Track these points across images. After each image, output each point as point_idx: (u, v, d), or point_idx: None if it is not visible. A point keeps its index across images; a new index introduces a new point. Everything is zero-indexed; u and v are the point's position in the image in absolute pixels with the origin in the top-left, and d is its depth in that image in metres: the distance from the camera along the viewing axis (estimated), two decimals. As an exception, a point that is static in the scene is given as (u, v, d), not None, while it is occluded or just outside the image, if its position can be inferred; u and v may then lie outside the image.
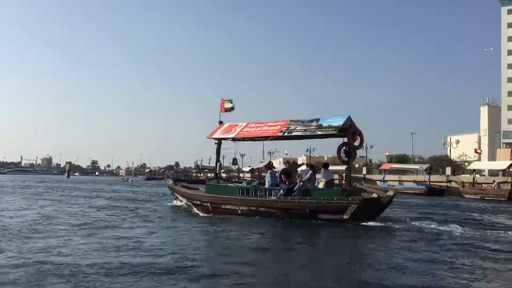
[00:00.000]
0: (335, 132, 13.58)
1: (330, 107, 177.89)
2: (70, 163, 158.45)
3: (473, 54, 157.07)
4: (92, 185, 49.34)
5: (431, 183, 43.41)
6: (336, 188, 14.19)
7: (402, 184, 46.36)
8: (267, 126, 15.28)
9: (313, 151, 66.18)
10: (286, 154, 79.86)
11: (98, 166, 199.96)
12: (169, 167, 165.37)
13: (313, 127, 14.01)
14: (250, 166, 67.64)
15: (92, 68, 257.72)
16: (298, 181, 13.67)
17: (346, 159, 14.00)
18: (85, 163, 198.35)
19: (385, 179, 48.07)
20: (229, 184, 16.54)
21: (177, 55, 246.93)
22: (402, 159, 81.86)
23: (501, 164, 38.67)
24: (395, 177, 48.76)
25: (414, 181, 46.03)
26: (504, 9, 77.70)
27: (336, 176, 55.66)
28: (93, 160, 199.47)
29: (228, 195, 14.47)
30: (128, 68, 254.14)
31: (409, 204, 26.19)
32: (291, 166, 15.32)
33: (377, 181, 49.35)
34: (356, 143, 13.93)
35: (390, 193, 13.13)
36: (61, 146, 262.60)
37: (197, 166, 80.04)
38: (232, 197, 14.30)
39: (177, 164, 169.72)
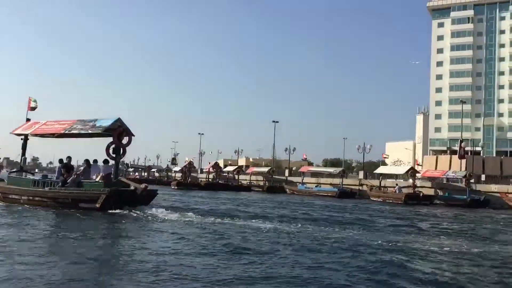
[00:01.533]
0: (100, 132, 15.14)
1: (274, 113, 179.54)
2: (7, 159, 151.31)
3: (413, 63, 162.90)
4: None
5: (344, 186, 44.66)
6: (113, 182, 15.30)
7: (320, 186, 47.41)
8: (59, 124, 16.46)
9: (241, 152, 66.65)
10: (220, 153, 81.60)
11: (40, 163, 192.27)
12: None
13: (88, 127, 15.44)
14: (176, 165, 67.55)
15: (49, 59, 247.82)
16: (73, 174, 15.19)
17: (114, 155, 15.34)
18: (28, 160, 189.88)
19: (304, 181, 49.02)
20: (26, 177, 17.50)
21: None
22: (337, 163, 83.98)
23: (402, 169, 40.41)
24: (314, 179, 49.76)
25: (330, 184, 47.19)
26: (434, 22, 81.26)
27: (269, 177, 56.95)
28: (33, 157, 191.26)
29: (19, 187, 15.72)
30: (84, 63, 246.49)
31: (284, 202, 27.34)
32: (71, 160, 16.78)
33: (297, 183, 50.30)
34: (124, 142, 15.51)
35: (142, 186, 14.94)
36: (5, 141, 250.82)
37: (127, 165, 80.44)
38: (17, 187, 15.67)
39: (124, 163, 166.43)
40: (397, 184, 38.82)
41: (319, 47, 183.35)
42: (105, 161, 15.75)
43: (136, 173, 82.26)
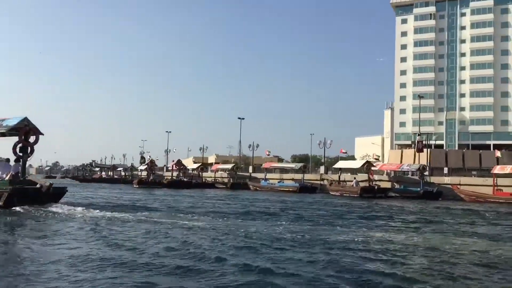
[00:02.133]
0: (5, 131, 15.53)
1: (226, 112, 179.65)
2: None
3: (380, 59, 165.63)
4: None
5: (305, 181, 45.01)
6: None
7: (283, 182, 47.66)
8: None
9: (206, 149, 66.49)
10: (190, 150, 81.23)
11: (11, 165, 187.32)
12: (83, 166, 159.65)
13: None
14: (143, 163, 66.85)
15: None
16: None
17: (21, 154, 15.68)
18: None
19: (267, 177, 49.24)
20: None
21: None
22: (305, 158, 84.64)
23: (357, 163, 41.01)
24: (277, 175, 50.03)
25: (293, 179, 47.48)
26: (398, 19, 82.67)
27: (221, 175, 57.01)
28: (3, 159, 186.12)
29: None
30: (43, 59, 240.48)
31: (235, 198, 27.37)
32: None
33: (261, 179, 50.45)
34: (31, 141, 15.88)
35: (47, 183, 15.63)
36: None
37: (91, 164, 79.62)
38: None
39: (92, 162, 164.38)
40: (354, 178, 39.33)
41: (285, 45, 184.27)
42: (17, 160, 15.83)
43: (103, 172, 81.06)
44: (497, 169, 34.27)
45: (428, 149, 62.73)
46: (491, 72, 75.13)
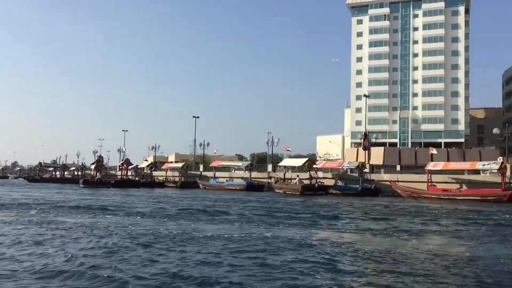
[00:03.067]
0: None
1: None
2: None
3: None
4: None
5: (253, 179, 45.25)
6: None
7: (232, 180, 47.74)
8: None
9: (158, 148, 65.93)
10: (151, 149, 79.99)
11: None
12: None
13: None
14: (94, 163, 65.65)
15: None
16: None
17: None
18: None
19: (216, 175, 49.27)
20: None
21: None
22: (263, 158, 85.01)
23: (300, 161, 41.56)
24: (227, 174, 50.09)
25: (241, 178, 47.63)
26: (354, 19, 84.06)
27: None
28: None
29: None
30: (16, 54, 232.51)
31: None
32: None
33: (210, 178, 50.42)
34: None
35: None
36: None
37: (40, 164, 77.82)
38: None
39: (54, 162, 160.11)
40: (298, 176, 39.79)
41: (249, 43, 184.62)
42: None
43: (57, 172, 79.02)
44: (431, 166, 35.36)
45: (388, 147, 64.32)
46: (442, 72, 77.47)
